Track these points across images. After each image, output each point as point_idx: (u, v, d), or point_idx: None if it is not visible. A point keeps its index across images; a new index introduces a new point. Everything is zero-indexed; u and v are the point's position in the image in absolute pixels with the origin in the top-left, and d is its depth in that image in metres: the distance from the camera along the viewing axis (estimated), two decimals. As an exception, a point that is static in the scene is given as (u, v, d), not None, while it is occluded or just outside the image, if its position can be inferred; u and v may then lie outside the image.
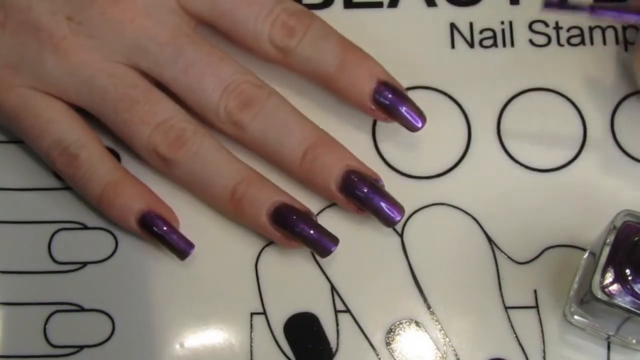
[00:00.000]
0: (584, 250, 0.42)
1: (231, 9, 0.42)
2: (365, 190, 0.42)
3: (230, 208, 0.42)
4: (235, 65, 0.42)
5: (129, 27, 0.41)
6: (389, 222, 0.42)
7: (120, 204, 0.42)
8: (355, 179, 0.42)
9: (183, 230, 0.43)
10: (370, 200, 0.42)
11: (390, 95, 0.42)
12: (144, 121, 0.42)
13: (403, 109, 0.42)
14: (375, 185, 0.42)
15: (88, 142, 0.42)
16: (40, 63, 0.41)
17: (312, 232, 0.41)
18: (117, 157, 0.45)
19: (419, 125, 0.43)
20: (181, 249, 0.42)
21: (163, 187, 0.44)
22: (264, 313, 0.43)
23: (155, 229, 0.42)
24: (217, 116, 0.42)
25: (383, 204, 0.42)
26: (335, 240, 0.42)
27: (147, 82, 0.42)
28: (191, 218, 0.44)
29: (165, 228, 0.42)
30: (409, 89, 0.45)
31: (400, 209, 0.42)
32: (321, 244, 0.42)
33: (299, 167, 0.42)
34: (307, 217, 0.42)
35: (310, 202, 0.43)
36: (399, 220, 0.42)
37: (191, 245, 0.42)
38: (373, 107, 0.42)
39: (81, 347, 0.43)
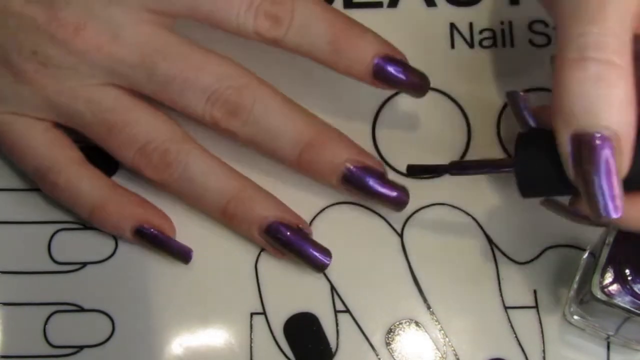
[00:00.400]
0: (584, 250, 0.42)
1: (211, 10, 0.40)
2: (369, 182, 0.41)
3: (223, 222, 0.43)
4: (215, 69, 0.41)
5: (97, 55, 0.40)
6: (398, 205, 0.42)
7: (111, 225, 0.43)
8: (358, 174, 0.41)
9: (183, 230, 0.43)
10: (374, 189, 0.41)
11: (389, 69, 0.41)
12: (124, 146, 0.41)
13: (405, 79, 0.41)
14: (377, 173, 0.42)
15: (64, 167, 0.42)
16: (19, 94, 0.41)
17: (304, 249, 0.42)
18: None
19: (423, 89, 0.42)
20: (181, 255, 0.43)
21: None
22: (264, 313, 0.43)
23: (150, 240, 0.42)
24: (206, 123, 0.41)
25: (387, 191, 0.41)
26: (328, 255, 0.42)
27: (125, 100, 0.41)
28: (191, 218, 0.44)
29: (159, 238, 0.42)
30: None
31: (404, 190, 0.42)
32: (314, 260, 0.42)
33: (297, 167, 0.42)
34: (299, 234, 0.42)
35: (310, 202, 0.44)
36: (405, 202, 0.42)
37: (189, 249, 0.43)
38: (376, 83, 0.41)
39: (81, 347, 0.43)
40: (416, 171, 0.41)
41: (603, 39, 0.33)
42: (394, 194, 0.42)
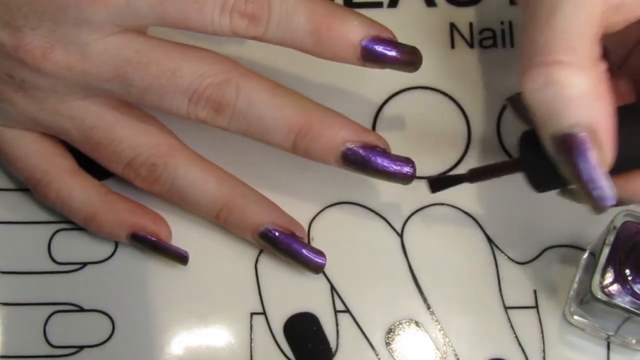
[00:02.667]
0: (584, 250, 0.42)
1: (183, 18, 0.39)
2: (372, 159, 0.40)
3: (219, 226, 0.43)
4: (192, 69, 0.39)
5: (69, 75, 0.39)
6: (405, 179, 0.41)
7: (105, 233, 0.43)
8: (358, 153, 0.40)
9: (182, 230, 0.43)
10: (378, 166, 0.40)
11: (378, 50, 0.40)
12: (112, 161, 0.41)
13: (395, 57, 0.40)
14: (379, 149, 0.40)
15: (53, 178, 0.42)
16: (4, 110, 0.41)
17: (297, 252, 0.42)
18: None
19: (416, 63, 0.41)
20: (178, 258, 0.43)
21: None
22: (264, 313, 0.43)
23: (146, 245, 0.43)
24: (195, 121, 0.40)
25: (392, 166, 0.40)
26: (322, 255, 0.42)
27: (107, 116, 0.41)
28: (190, 218, 0.44)
29: (155, 243, 0.42)
30: (409, 89, 0.46)
31: (409, 163, 0.40)
32: (309, 262, 0.42)
33: (294, 154, 0.41)
34: (292, 238, 0.42)
35: (310, 202, 0.44)
36: (412, 174, 0.40)
37: (185, 252, 0.43)
38: (367, 64, 0.40)
39: (81, 347, 0.43)
40: (437, 185, 0.41)
41: (549, 41, 0.33)
42: (399, 168, 0.40)
